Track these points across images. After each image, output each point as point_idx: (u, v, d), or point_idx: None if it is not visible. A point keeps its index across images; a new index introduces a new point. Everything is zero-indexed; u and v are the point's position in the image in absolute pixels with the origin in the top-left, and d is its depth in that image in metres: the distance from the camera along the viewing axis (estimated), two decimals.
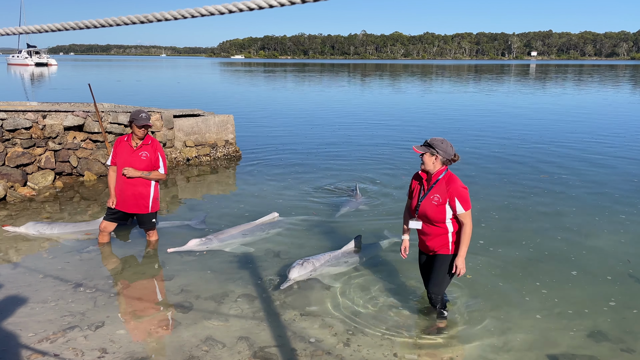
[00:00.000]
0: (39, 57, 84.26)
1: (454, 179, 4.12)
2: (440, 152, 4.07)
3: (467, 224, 4.10)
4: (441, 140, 4.12)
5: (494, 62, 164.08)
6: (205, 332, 4.14)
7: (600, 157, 11.43)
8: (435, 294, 4.33)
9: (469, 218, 4.10)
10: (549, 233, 6.55)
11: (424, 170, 4.18)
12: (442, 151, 4.08)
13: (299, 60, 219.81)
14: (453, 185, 4.08)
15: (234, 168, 10.41)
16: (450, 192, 4.06)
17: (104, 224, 5.93)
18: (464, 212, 4.07)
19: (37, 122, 8.54)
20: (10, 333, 4.08)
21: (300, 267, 5.10)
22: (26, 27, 1.64)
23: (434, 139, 4.13)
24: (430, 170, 4.14)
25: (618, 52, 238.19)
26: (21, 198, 7.80)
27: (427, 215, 4.17)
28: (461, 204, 4.05)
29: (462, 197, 4.06)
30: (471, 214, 4.13)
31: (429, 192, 4.16)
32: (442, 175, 4.13)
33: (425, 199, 4.17)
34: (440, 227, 4.17)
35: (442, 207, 4.09)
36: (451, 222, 4.15)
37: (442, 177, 4.13)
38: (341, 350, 3.92)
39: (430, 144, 4.10)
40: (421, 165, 4.17)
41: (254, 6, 1.36)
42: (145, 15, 1.44)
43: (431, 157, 4.09)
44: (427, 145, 4.12)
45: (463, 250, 4.13)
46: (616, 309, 4.61)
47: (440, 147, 4.08)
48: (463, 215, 4.08)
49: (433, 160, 4.09)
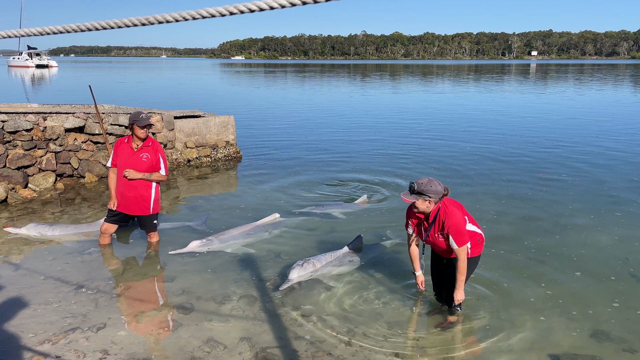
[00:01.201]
0: (40, 58, 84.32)
1: (449, 214, 4.14)
2: (432, 196, 4.09)
3: (462, 259, 4.16)
4: (428, 182, 4.10)
5: (494, 62, 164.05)
6: (207, 333, 4.15)
7: (599, 156, 11.41)
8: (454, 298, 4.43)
9: (463, 253, 4.15)
10: (549, 233, 6.54)
11: (418, 212, 4.23)
12: (433, 194, 4.09)
13: (299, 60, 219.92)
14: (449, 221, 4.12)
15: (234, 169, 10.42)
16: (447, 227, 4.13)
17: (105, 226, 5.93)
18: (458, 248, 4.14)
19: (38, 124, 8.55)
20: (12, 335, 4.09)
21: (301, 268, 5.11)
22: (27, 30, 1.64)
23: (420, 184, 4.11)
24: (426, 212, 4.20)
25: (618, 51, 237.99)
26: (22, 200, 7.81)
27: (437, 247, 4.36)
28: (455, 240, 4.12)
29: (456, 233, 4.10)
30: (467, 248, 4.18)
31: (430, 229, 4.26)
32: (437, 213, 4.19)
33: (430, 237, 4.31)
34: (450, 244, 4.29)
35: (447, 241, 4.21)
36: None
37: (438, 215, 4.18)
38: (343, 351, 3.92)
39: (419, 192, 4.09)
40: (413, 208, 4.20)
41: (255, 8, 1.36)
42: (147, 18, 1.44)
43: (425, 202, 4.12)
44: (417, 193, 4.10)
45: (461, 281, 4.21)
46: (620, 309, 4.60)
47: (430, 190, 4.07)
48: (457, 251, 4.16)
49: (427, 204, 4.14)
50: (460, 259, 4.16)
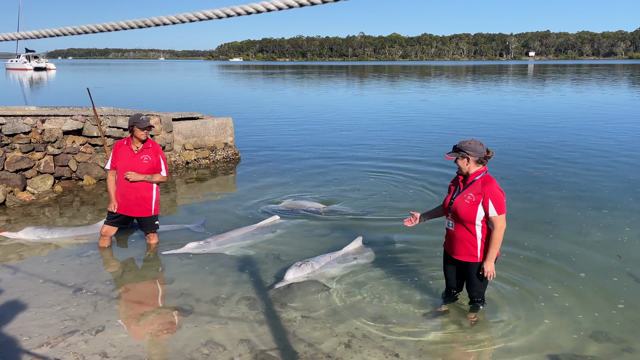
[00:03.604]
0: (38, 61, 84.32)
1: (491, 180, 4.11)
2: (471, 153, 4.08)
3: (498, 228, 4.05)
4: (469, 142, 4.13)
5: (492, 63, 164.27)
6: (206, 335, 4.14)
7: (600, 154, 11.43)
8: (477, 297, 4.42)
9: (501, 222, 4.05)
10: (549, 233, 6.55)
11: (460, 173, 4.21)
12: (472, 152, 4.08)
13: (297, 62, 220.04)
14: (489, 186, 4.06)
15: (233, 171, 10.41)
16: (486, 192, 4.04)
17: (105, 229, 5.93)
18: (497, 215, 4.02)
19: (36, 127, 8.54)
20: (11, 338, 4.08)
21: (297, 269, 5.13)
22: (25, 33, 1.64)
23: (462, 142, 4.15)
24: (467, 173, 4.15)
25: (616, 51, 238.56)
26: (20, 203, 7.79)
27: (458, 213, 4.15)
28: (495, 206, 4.02)
29: (496, 199, 4.03)
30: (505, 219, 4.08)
31: (464, 191, 4.16)
32: (480, 176, 4.13)
33: (459, 197, 4.17)
34: (469, 232, 4.16)
35: (474, 207, 4.07)
36: (481, 226, 4.12)
37: (480, 178, 4.12)
38: (342, 353, 3.92)
39: (459, 148, 4.12)
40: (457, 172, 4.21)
41: (252, 10, 1.36)
42: (144, 20, 1.44)
43: (463, 159, 4.11)
44: (457, 150, 4.13)
45: (492, 253, 4.11)
46: (623, 311, 4.60)
47: (470, 148, 4.09)
48: (495, 218, 4.03)
49: (466, 162, 4.11)
50: (497, 228, 4.04)
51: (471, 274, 4.31)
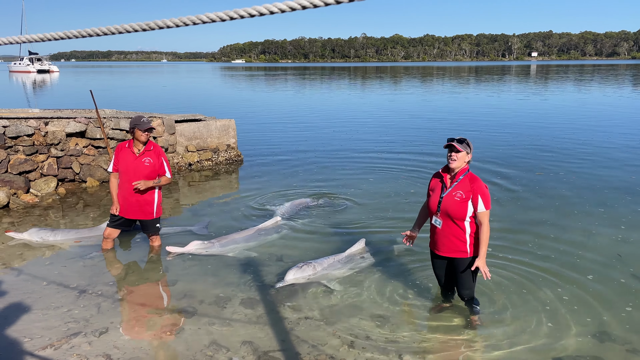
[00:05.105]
0: (41, 64, 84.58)
1: (477, 177, 4.24)
2: (469, 152, 4.23)
3: (485, 223, 4.17)
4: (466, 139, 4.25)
5: (494, 64, 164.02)
6: (209, 337, 4.15)
7: (598, 156, 11.40)
8: (467, 295, 4.46)
9: (487, 218, 4.18)
10: (549, 234, 6.53)
11: (452, 167, 4.23)
12: (470, 151, 4.23)
13: (299, 64, 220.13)
14: (477, 183, 4.18)
15: (236, 172, 10.42)
16: (474, 189, 4.15)
17: (108, 231, 5.94)
18: (485, 210, 4.16)
19: (39, 129, 8.56)
20: (14, 340, 4.09)
21: (298, 270, 5.14)
22: (28, 36, 1.65)
23: (461, 138, 4.24)
24: (457, 168, 4.21)
25: (619, 51, 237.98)
26: (24, 205, 7.82)
27: (448, 211, 4.22)
28: (483, 202, 4.15)
29: (485, 195, 4.17)
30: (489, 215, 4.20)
31: (452, 188, 4.23)
32: (466, 174, 4.23)
33: (448, 195, 4.23)
34: (458, 227, 4.23)
35: (464, 204, 4.16)
36: (469, 222, 4.22)
37: (466, 176, 4.22)
38: (345, 354, 3.92)
39: (468, 144, 4.21)
40: (450, 162, 4.21)
41: (255, 13, 1.37)
42: (148, 23, 1.45)
43: (467, 155, 4.21)
44: (466, 144, 4.20)
45: (483, 251, 4.19)
46: (629, 312, 4.59)
47: (470, 146, 4.24)
48: (483, 214, 4.16)
49: (465, 158, 4.20)
50: (484, 224, 4.16)
51: (461, 272, 4.34)
